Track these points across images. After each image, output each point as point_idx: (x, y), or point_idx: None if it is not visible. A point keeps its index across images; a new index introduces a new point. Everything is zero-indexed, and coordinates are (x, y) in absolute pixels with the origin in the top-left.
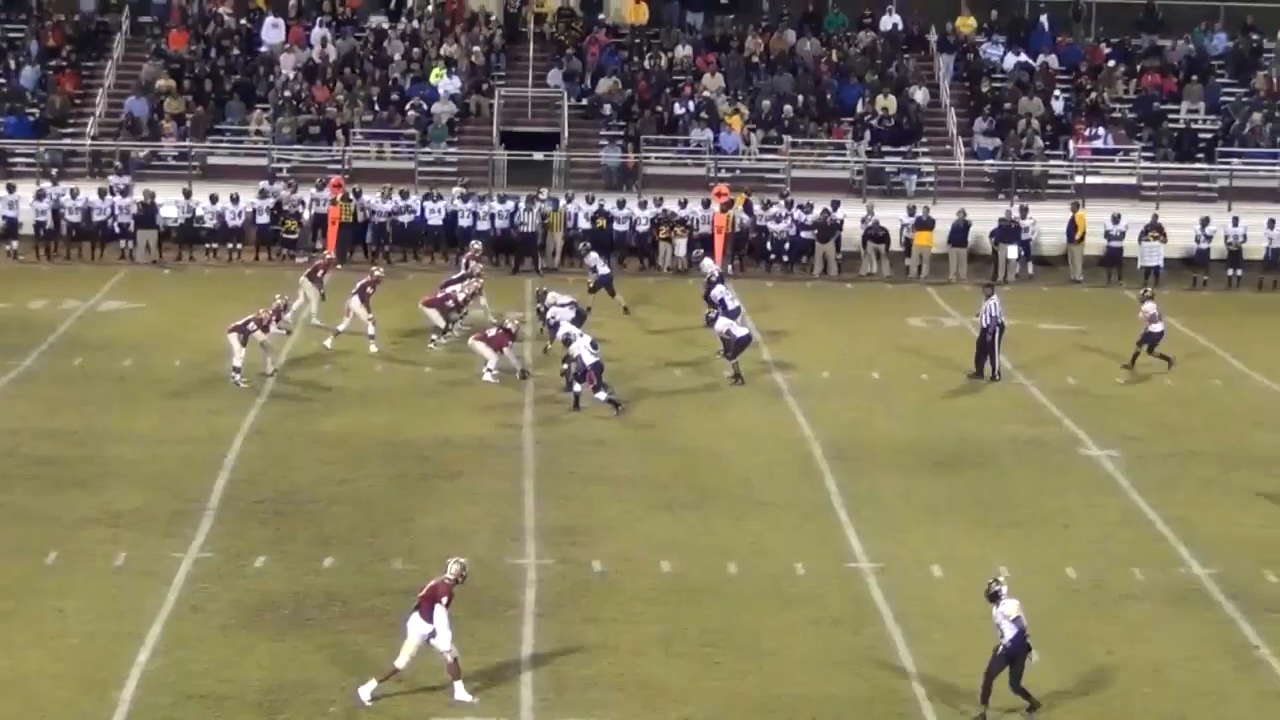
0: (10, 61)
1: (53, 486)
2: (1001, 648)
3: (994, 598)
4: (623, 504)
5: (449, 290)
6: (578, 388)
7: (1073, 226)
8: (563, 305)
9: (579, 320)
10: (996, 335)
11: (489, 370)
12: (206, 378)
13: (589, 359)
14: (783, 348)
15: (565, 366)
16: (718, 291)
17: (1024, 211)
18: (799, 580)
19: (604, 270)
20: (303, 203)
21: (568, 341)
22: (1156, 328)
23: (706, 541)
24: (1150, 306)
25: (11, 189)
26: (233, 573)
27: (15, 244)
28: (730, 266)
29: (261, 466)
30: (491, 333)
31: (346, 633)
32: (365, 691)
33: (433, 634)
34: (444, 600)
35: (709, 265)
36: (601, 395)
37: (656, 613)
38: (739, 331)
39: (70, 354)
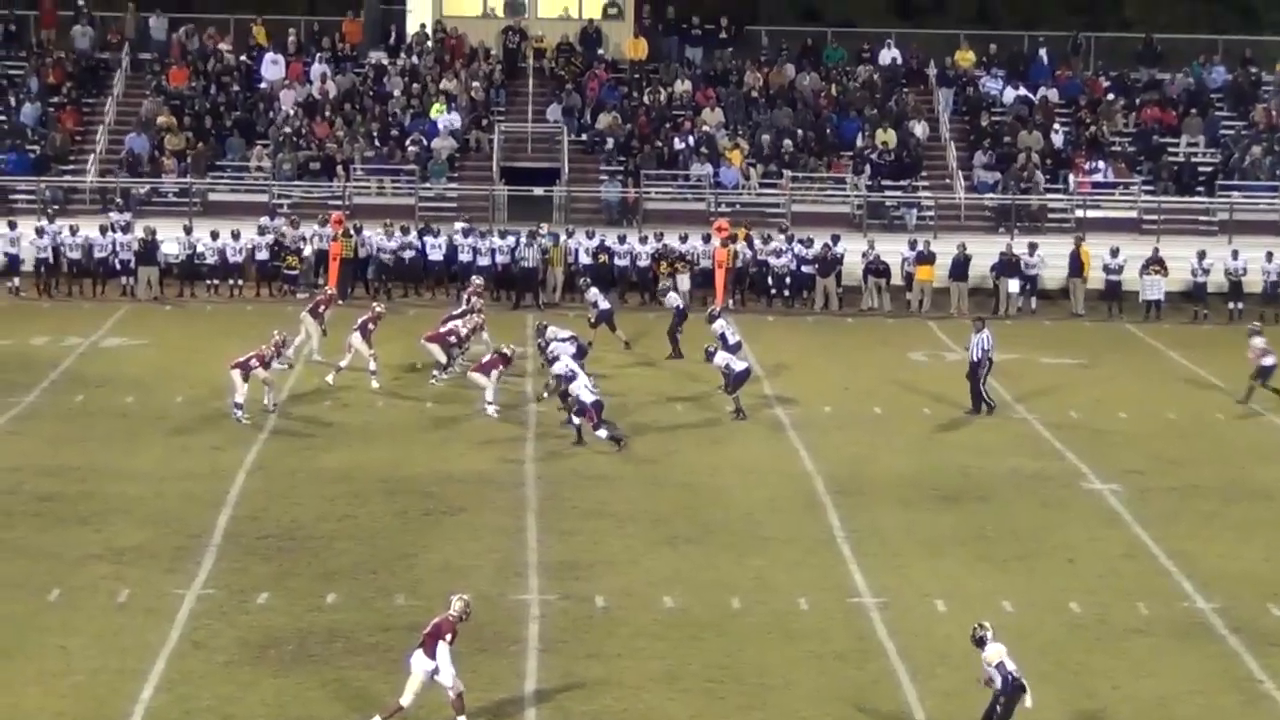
0: (11, 98)
1: (55, 523)
2: (996, 695)
3: (979, 643)
4: (625, 539)
5: (451, 325)
6: (577, 421)
7: (1077, 260)
8: (563, 340)
9: (580, 355)
10: (986, 370)
11: (489, 404)
12: (208, 414)
13: (588, 397)
14: (784, 382)
15: (564, 400)
16: (718, 326)
17: (1032, 248)
18: (802, 615)
19: (605, 305)
20: (304, 238)
21: (568, 379)
22: (1268, 361)
23: (709, 576)
24: (1259, 341)
25: (13, 226)
26: (236, 609)
27: (17, 281)
28: (731, 301)
29: (264, 502)
30: (486, 358)
31: (350, 669)
32: None
33: (436, 671)
34: (448, 637)
35: (674, 299)
36: (602, 433)
37: (659, 648)
38: (738, 365)
39: (72, 391)
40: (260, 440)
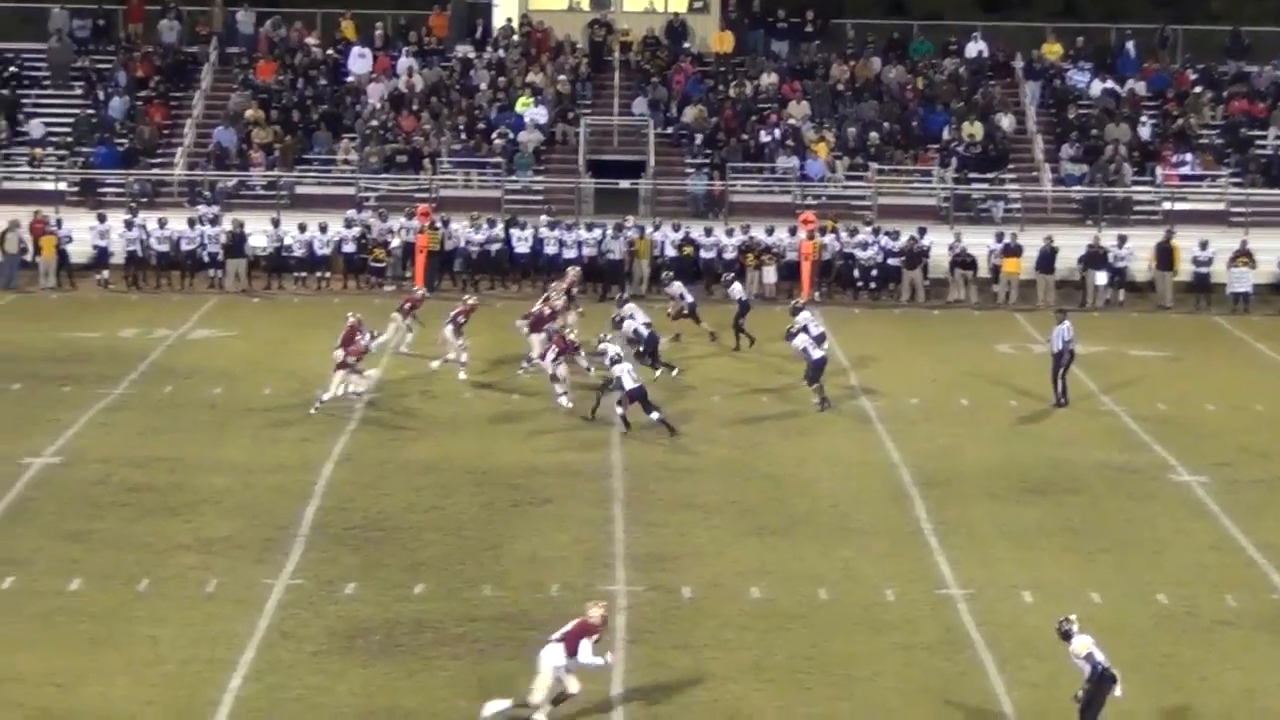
0: (99, 92)
1: (144, 514)
2: (1087, 684)
3: (1065, 636)
4: (712, 530)
5: (547, 310)
6: (620, 410)
7: (1167, 253)
8: (639, 321)
9: (651, 344)
10: (1067, 361)
11: (561, 395)
12: (296, 405)
13: (629, 384)
14: (870, 374)
15: (601, 385)
16: (801, 318)
17: (1121, 240)
18: (889, 606)
19: (689, 298)
20: (391, 231)
21: (614, 361)
22: None
23: (796, 567)
24: None
25: (102, 219)
26: (324, 599)
27: (106, 273)
28: (817, 294)
29: (352, 493)
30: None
31: (437, 659)
32: (491, 708)
33: (568, 667)
34: (594, 637)
35: (737, 290)
36: (655, 415)
37: (746, 639)
38: (815, 354)
39: (161, 382)
40: (348, 431)
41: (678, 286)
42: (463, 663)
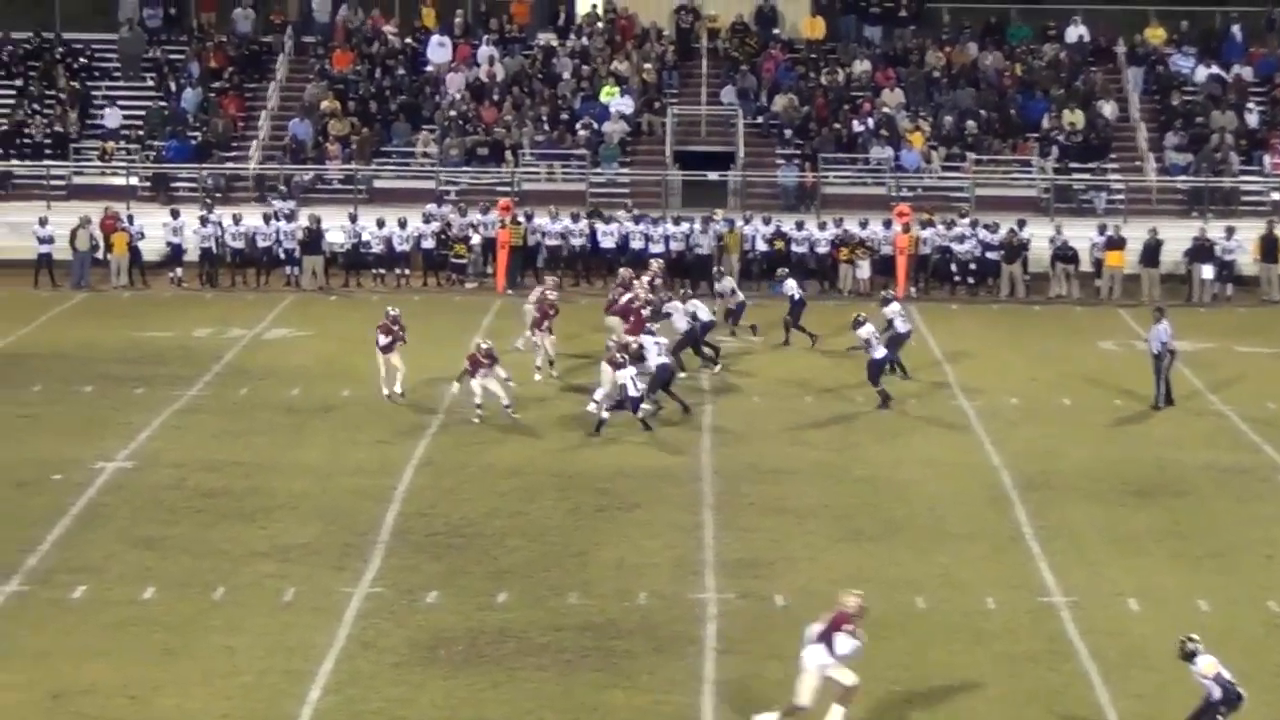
0: (171, 84)
1: (219, 520)
2: (1215, 706)
3: (1189, 657)
4: (805, 535)
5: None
6: (646, 406)
7: (1270, 244)
8: (703, 317)
9: (697, 331)
10: (1168, 362)
11: (598, 399)
12: (375, 407)
13: (632, 390)
14: (968, 372)
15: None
16: (890, 311)
17: (1229, 232)
18: (990, 614)
19: (740, 296)
20: (472, 226)
21: (639, 358)
22: None
23: (893, 574)
24: None
25: (175, 215)
26: (405, 608)
27: (179, 271)
28: (913, 289)
29: (433, 498)
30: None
31: (522, 669)
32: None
33: (830, 664)
34: (847, 627)
35: (790, 286)
36: (646, 406)
37: None
38: (878, 352)
39: (236, 384)
40: (429, 434)
41: (729, 283)
42: (548, 674)
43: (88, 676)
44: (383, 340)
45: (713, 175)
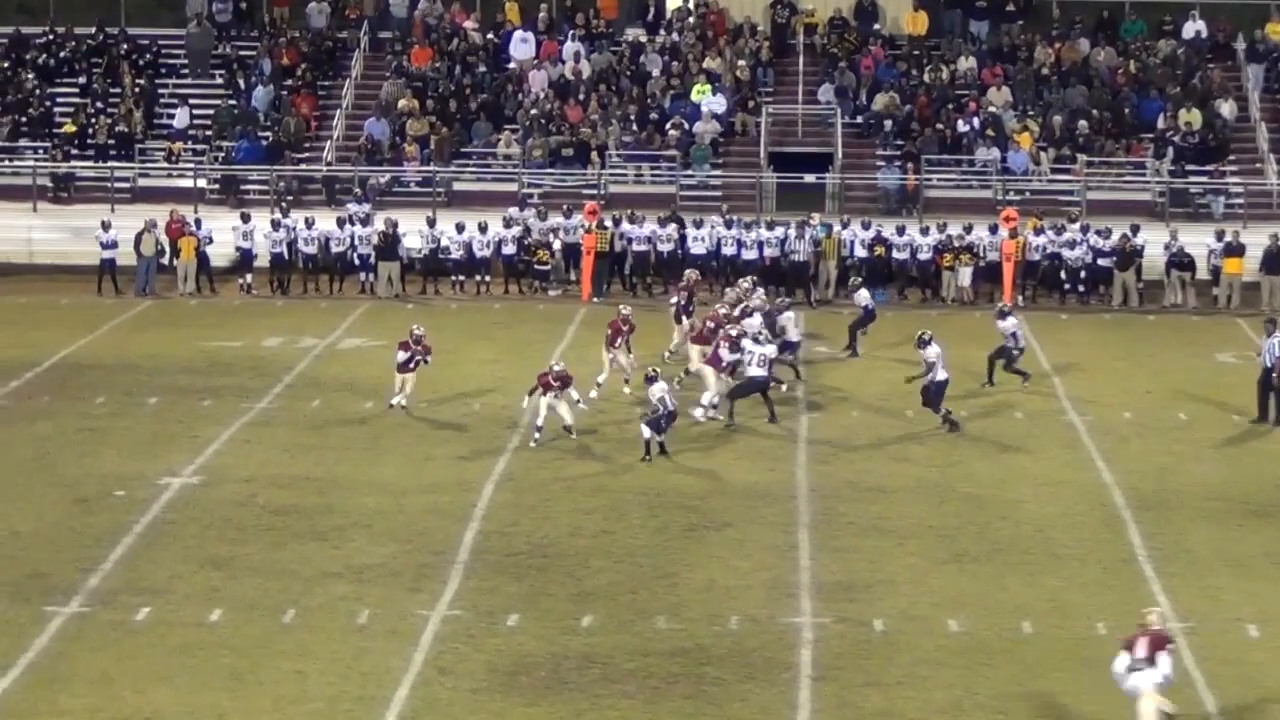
0: (241, 82)
1: (290, 539)
2: None
3: None
4: (906, 557)
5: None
6: (659, 436)
7: None
8: (791, 338)
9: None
10: None
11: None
12: (454, 421)
13: (664, 408)
14: (1079, 385)
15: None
16: (1009, 324)
17: None
18: (1101, 641)
19: (871, 307)
20: (553, 231)
21: (651, 381)
22: None
23: (999, 598)
24: None
25: (245, 219)
26: (484, 631)
27: (249, 277)
28: (1020, 297)
29: (514, 516)
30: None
31: (607, 697)
32: None
33: (1165, 681)
34: (1169, 647)
35: (863, 297)
36: (657, 435)
37: (945, 676)
38: (941, 375)
39: (308, 396)
40: (509, 450)
41: (864, 295)
42: (635, 701)
43: (151, 703)
44: (401, 357)
45: (809, 177)
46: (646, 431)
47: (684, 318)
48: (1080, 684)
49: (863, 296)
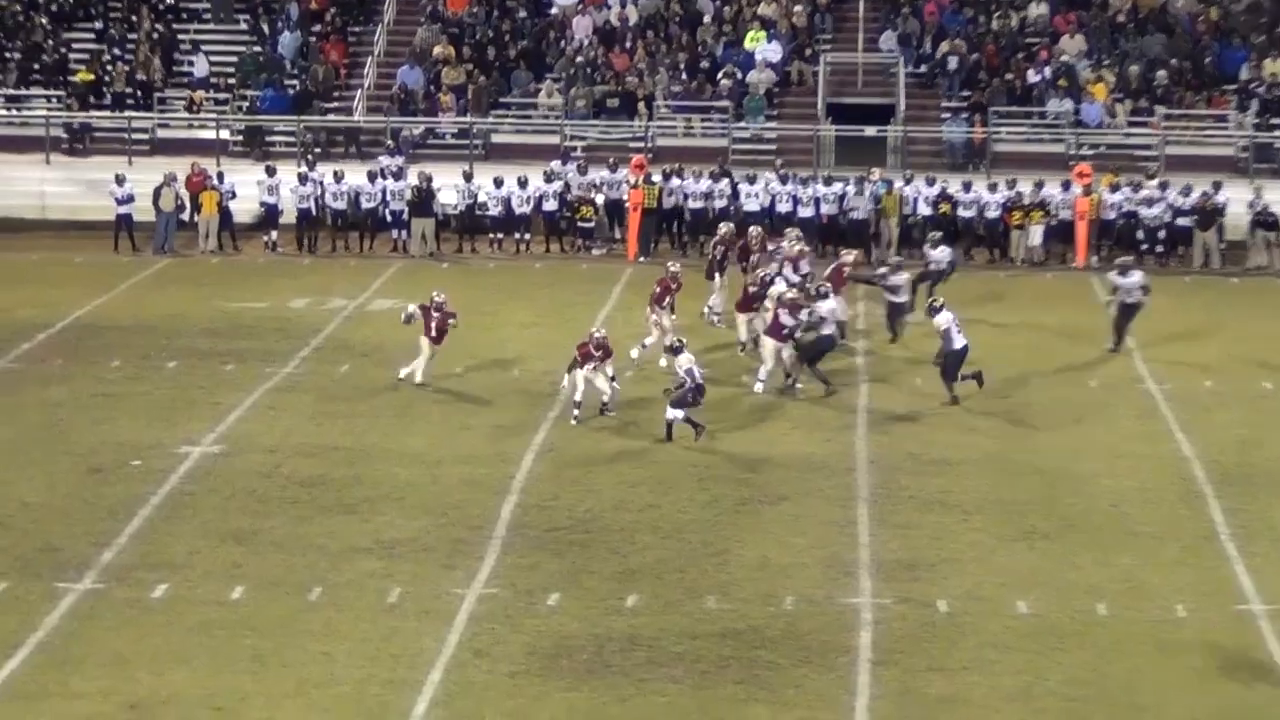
0: (266, 27)
1: (317, 512)
2: None
3: None
4: (972, 534)
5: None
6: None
7: None
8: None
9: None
10: None
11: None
12: (492, 387)
13: (691, 380)
14: (1157, 352)
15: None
16: (1131, 280)
17: None
18: (1180, 624)
19: (945, 265)
20: (594, 186)
21: (675, 351)
22: None
23: (1071, 578)
24: None
25: (271, 172)
26: (522, 611)
27: (274, 234)
28: (1095, 258)
29: (555, 489)
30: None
31: (653, 681)
32: None
33: None
34: None
35: (943, 252)
36: (680, 415)
37: (1013, 661)
38: (957, 341)
39: (336, 360)
40: (550, 419)
41: (944, 252)
42: (682, 686)
43: (168, 685)
44: (434, 330)
45: (870, 130)
46: (670, 412)
47: (717, 275)
48: (1158, 670)
49: (943, 253)
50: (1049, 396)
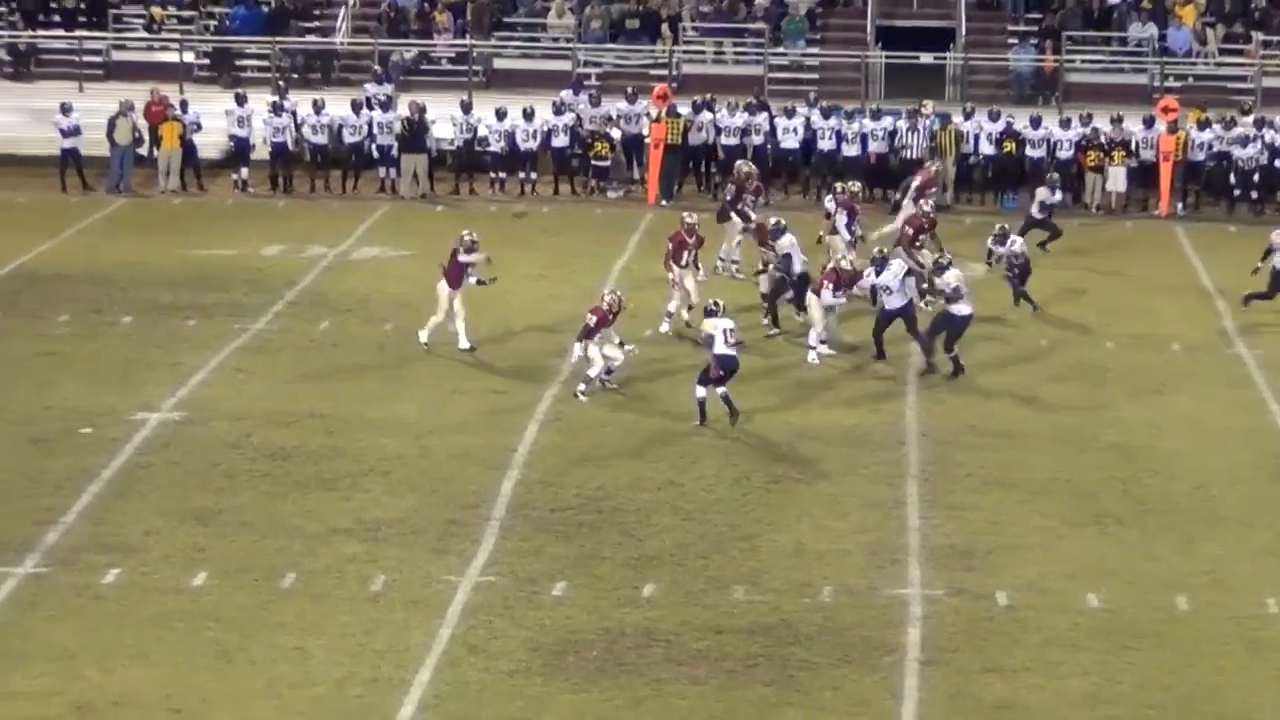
0: None
1: (291, 488)
2: None
3: None
4: (1036, 517)
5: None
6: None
7: None
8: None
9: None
10: None
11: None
12: (489, 347)
13: (721, 346)
14: (1250, 313)
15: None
16: None
17: None
18: (1271, 621)
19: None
20: (610, 119)
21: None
22: None
23: (1148, 568)
24: None
25: (241, 101)
26: (524, 602)
27: (245, 172)
28: (1181, 204)
29: (561, 464)
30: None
31: (671, 683)
32: None
33: None
34: None
35: (1044, 193)
36: (721, 391)
37: (1081, 661)
38: (962, 309)
39: (314, 316)
40: (555, 384)
41: (1044, 192)
42: (705, 688)
43: (120, 684)
44: (472, 273)
45: (925, 57)
46: (700, 390)
47: (730, 216)
48: (1245, 672)
49: (1043, 194)
50: (1125, 362)
